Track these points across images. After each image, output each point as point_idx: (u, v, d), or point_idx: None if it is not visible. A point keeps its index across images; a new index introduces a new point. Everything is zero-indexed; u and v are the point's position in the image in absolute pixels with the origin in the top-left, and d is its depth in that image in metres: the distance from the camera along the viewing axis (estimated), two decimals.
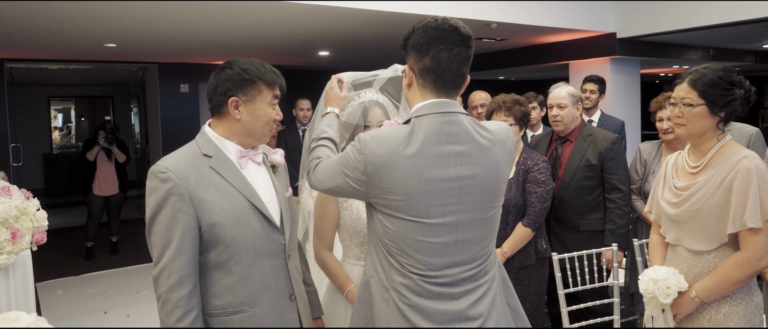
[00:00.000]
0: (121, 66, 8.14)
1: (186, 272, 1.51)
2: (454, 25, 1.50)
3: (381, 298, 1.52)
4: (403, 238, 1.47)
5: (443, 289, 1.48)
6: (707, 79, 1.83)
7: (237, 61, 1.64)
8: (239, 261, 1.57)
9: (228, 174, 1.61)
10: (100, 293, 5.05)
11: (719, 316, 1.88)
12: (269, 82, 1.63)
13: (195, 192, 1.54)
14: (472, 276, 1.52)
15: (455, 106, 1.52)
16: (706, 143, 1.90)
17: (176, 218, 1.52)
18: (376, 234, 1.55)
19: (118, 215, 6.43)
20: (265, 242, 1.61)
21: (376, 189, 1.47)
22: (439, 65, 1.49)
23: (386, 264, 1.52)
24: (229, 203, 1.57)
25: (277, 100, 1.67)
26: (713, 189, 1.83)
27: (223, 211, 1.55)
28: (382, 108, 2.12)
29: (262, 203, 1.63)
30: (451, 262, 1.49)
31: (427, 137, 1.46)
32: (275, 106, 1.66)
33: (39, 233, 2.85)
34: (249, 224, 1.59)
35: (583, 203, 2.97)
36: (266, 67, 1.65)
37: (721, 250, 1.86)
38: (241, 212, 1.58)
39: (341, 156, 1.56)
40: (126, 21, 4.70)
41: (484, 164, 1.50)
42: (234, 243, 1.56)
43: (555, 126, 3.06)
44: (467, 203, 1.48)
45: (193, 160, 1.60)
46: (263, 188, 1.68)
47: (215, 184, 1.58)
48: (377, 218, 1.52)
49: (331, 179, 1.57)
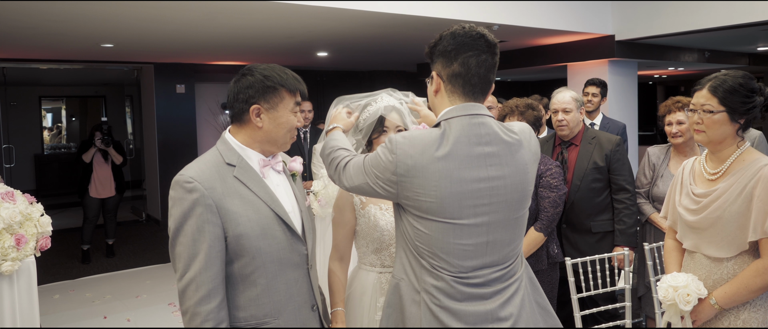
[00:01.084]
0: (115, 66, 8.07)
1: (215, 284, 1.49)
2: (481, 33, 1.53)
3: (411, 300, 1.53)
4: (435, 240, 1.47)
5: (475, 290, 1.49)
6: (727, 86, 1.83)
7: (257, 67, 1.61)
8: (264, 273, 1.55)
9: (252, 184, 1.58)
10: (99, 297, 4.99)
11: (738, 322, 1.88)
12: (291, 88, 1.61)
13: (222, 203, 1.52)
14: (501, 276, 1.53)
15: (483, 109, 1.54)
16: (725, 149, 1.90)
17: (203, 229, 1.48)
18: (405, 237, 1.55)
19: (114, 217, 6.36)
20: (289, 253, 1.60)
21: (407, 190, 1.47)
22: (467, 71, 1.51)
23: (417, 266, 1.52)
24: (255, 214, 1.55)
25: (299, 107, 1.65)
26: (734, 197, 1.84)
27: (249, 222, 1.53)
28: (399, 113, 2.10)
29: (285, 213, 1.61)
30: (483, 263, 1.50)
31: (458, 139, 1.47)
32: (297, 113, 1.64)
33: (43, 239, 2.81)
34: (274, 236, 1.57)
35: (593, 206, 2.99)
36: (288, 73, 1.62)
37: (741, 257, 1.86)
38: (266, 222, 1.56)
39: (371, 157, 1.56)
40: (125, 21, 4.66)
41: (513, 165, 1.52)
42: (259, 255, 1.54)
43: (560, 130, 3.07)
44: (498, 204, 1.50)
45: (217, 169, 1.57)
46: (285, 197, 1.66)
47: (240, 194, 1.56)
48: (407, 220, 1.52)
49: (360, 178, 1.57)
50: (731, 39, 6.79)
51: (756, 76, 6.29)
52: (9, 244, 2.59)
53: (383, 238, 2.01)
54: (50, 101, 12.02)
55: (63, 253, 6.56)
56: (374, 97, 2.16)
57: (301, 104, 1.65)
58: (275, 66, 1.62)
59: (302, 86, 1.65)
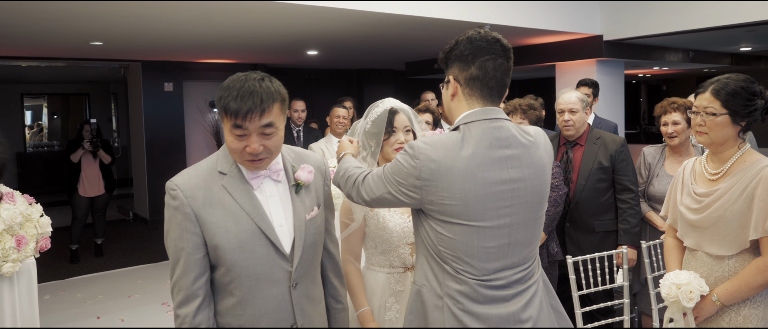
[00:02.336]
0: (100, 64, 7.97)
1: (192, 290, 1.50)
2: (496, 38, 1.56)
3: (434, 306, 1.53)
4: (459, 244, 1.49)
5: (497, 292, 1.51)
6: (730, 89, 1.89)
7: (227, 80, 1.51)
8: (239, 286, 1.53)
9: (238, 194, 1.53)
10: (90, 297, 4.94)
11: (739, 319, 1.94)
12: (225, 110, 1.46)
13: (201, 212, 1.50)
14: (521, 278, 1.55)
15: (500, 113, 1.57)
16: (726, 151, 1.96)
17: (183, 237, 1.50)
18: (426, 243, 1.56)
19: (103, 216, 6.30)
20: (269, 269, 1.54)
21: (432, 195, 1.48)
22: (485, 74, 1.54)
23: (439, 271, 1.53)
24: (235, 226, 1.51)
25: (241, 130, 1.46)
26: (735, 196, 1.89)
27: (226, 234, 1.50)
28: (406, 114, 2.11)
29: (270, 226, 1.55)
30: (504, 265, 1.52)
31: (479, 142, 1.49)
32: (241, 138, 1.47)
33: (43, 240, 2.79)
34: (253, 250, 1.52)
35: (597, 205, 3.04)
36: (232, 90, 1.46)
37: (742, 255, 1.92)
38: (245, 235, 1.51)
39: (391, 165, 1.57)
40: (118, 19, 4.61)
41: (533, 167, 1.55)
42: (234, 267, 1.51)
43: (566, 130, 3.10)
44: (519, 206, 1.52)
45: (206, 176, 1.55)
46: (278, 209, 1.59)
47: (223, 204, 1.52)
48: (429, 225, 1.53)
49: (380, 188, 1.58)
50: (715, 39, 6.94)
51: None
52: (10, 245, 2.56)
53: (392, 239, 2.03)
54: (31, 98, 11.83)
55: (50, 253, 6.43)
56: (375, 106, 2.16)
57: (244, 126, 1.45)
58: (235, 80, 1.49)
59: (241, 107, 1.44)
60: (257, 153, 1.47)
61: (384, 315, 2.05)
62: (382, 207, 1.73)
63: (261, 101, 1.45)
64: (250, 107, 1.43)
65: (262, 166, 1.53)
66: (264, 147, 1.48)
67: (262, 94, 1.46)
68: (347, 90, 10.55)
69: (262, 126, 1.46)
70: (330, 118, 4.65)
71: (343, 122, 4.55)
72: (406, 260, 2.05)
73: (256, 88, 1.45)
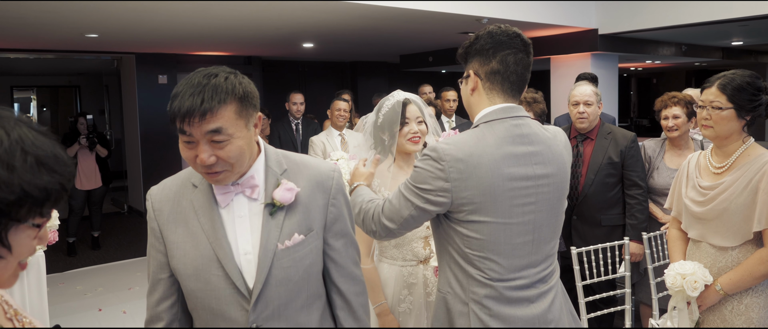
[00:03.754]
0: (91, 56, 7.91)
1: (155, 312, 1.35)
2: (516, 32, 1.56)
3: (460, 313, 1.52)
4: (486, 243, 1.47)
5: (522, 293, 1.51)
6: (736, 84, 1.94)
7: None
8: (197, 316, 1.33)
9: (202, 212, 1.31)
10: (90, 290, 4.95)
11: (741, 307, 2.00)
12: (168, 110, 1.23)
13: (164, 229, 1.33)
14: (544, 277, 1.56)
15: (521, 110, 1.56)
16: (731, 145, 2.01)
17: (150, 253, 1.37)
18: (450, 249, 1.53)
19: (100, 209, 6.30)
20: (224, 305, 1.28)
21: (462, 192, 1.45)
22: (506, 68, 1.54)
23: (463, 277, 1.51)
24: (193, 250, 1.30)
25: (186, 136, 1.21)
26: (740, 189, 1.95)
27: (184, 258, 1.30)
28: (417, 105, 2.13)
29: (227, 254, 1.28)
30: (529, 262, 1.52)
31: (502, 139, 1.49)
32: (189, 145, 1.22)
33: (51, 233, 2.81)
34: (208, 280, 1.28)
35: (605, 200, 3.08)
36: (179, 87, 1.23)
37: (745, 246, 1.98)
38: (201, 262, 1.29)
39: (412, 177, 1.52)
40: (114, 11, 4.59)
41: (555, 163, 1.55)
42: (191, 297, 1.31)
43: (580, 123, 3.12)
44: (543, 203, 1.52)
45: (179, 188, 1.36)
46: (245, 234, 1.31)
47: (187, 222, 1.32)
48: (454, 229, 1.50)
49: (406, 208, 1.52)
50: (708, 34, 7.02)
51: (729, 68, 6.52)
52: None
53: (406, 234, 2.06)
54: (20, 91, 11.71)
55: (47, 246, 6.44)
56: (386, 99, 2.18)
57: (187, 132, 1.20)
58: (192, 77, 1.23)
59: (180, 105, 1.19)
60: (208, 165, 1.21)
61: (398, 306, 2.09)
62: (408, 231, 1.60)
63: (202, 101, 1.17)
64: (188, 109, 1.17)
65: (221, 180, 1.26)
66: (217, 158, 1.21)
67: (207, 92, 1.18)
68: (341, 83, 10.55)
69: (208, 132, 1.19)
70: (330, 111, 4.67)
71: (344, 115, 4.58)
72: (418, 253, 2.08)
73: (202, 85, 1.19)
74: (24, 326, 1.00)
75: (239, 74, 1.27)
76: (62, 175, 0.85)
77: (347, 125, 4.75)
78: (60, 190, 0.85)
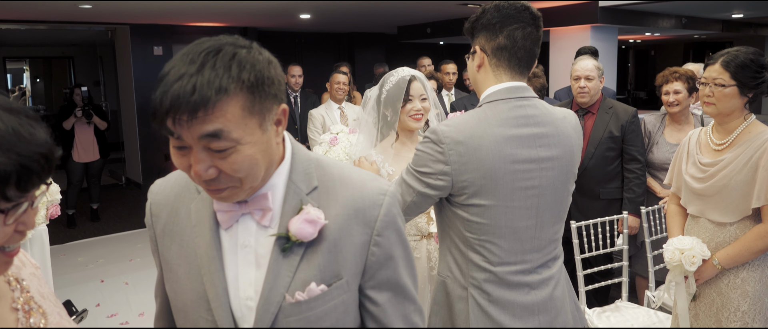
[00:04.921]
0: (85, 27, 7.80)
1: (157, 323, 1.17)
2: (525, 5, 1.50)
3: (459, 297, 1.49)
4: (487, 226, 1.43)
5: (523, 278, 1.47)
6: (739, 62, 1.94)
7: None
8: None
9: (199, 231, 0.99)
10: (91, 261, 4.99)
11: (737, 280, 2.04)
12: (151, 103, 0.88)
13: (160, 242, 1.06)
14: (547, 262, 1.52)
15: (529, 91, 1.51)
16: (732, 122, 2.03)
17: (154, 255, 1.11)
18: (451, 233, 1.51)
19: (98, 181, 6.31)
20: None
21: (462, 175, 1.41)
22: (513, 43, 1.47)
23: (463, 261, 1.48)
24: (185, 278, 1.00)
25: (176, 141, 0.87)
26: (740, 166, 1.97)
27: (176, 284, 1.02)
28: (421, 82, 2.13)
29: (219, 297, 0.96)
30: (531, 247, 1.47)
31: (505, 120, 1.44)
32: (181, 151, 0.88)
33: (53, 207, 2.81)
34: (195, 321, 0.99)
35: (604, 173, 3.12)
36: (168, 69, 0.85)
37: (743, 222, 2.01)
38: (190, 297, 0.99)
39: (412, 161, 1.49)
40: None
41: (562, 146, 1.49)
42: None
43: (581, 97, 3.12)
44: (547, 187, 1.46)
45: (180, 190, 1.05)
46: (249, 271, 0.97)
47: (182, 239, 1.02)
48: (455, 213, 1.47)
49: (408, 193, 1.48)
50: (709, 6, 6.98)
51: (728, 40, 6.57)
52: None
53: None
54: (13, 62, 11.58)
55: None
56: (391, 75, 2.16)
57: (177, 134, 0.85)
58: (188, 51, 0.86)
59: (162, 99, 0.83)
60: (206, 179, 0.87)
61: None
62: (413, 217, 1.55)
63: (194, 89, 0.81)
64: (173, 100, 0.81)
65: (226, 198, 0.92)
66: (219, 170, 0.87)
67: (201, 77, 0.82)
68: (338, 55, 10.46)
69: (203, 136, 0.83)
70: (330, 84, 4.65)
71: (344, 88, 4.56)
72: (422, 228, 2.11)
73: (198, 65, 0.83)
74: (28, 326, 0.89)
75: (256, 48, 0.90)
76: (22, 155, 0.74)
77: (346, 97, 4.73)
78: (23, 171, 0.74)
